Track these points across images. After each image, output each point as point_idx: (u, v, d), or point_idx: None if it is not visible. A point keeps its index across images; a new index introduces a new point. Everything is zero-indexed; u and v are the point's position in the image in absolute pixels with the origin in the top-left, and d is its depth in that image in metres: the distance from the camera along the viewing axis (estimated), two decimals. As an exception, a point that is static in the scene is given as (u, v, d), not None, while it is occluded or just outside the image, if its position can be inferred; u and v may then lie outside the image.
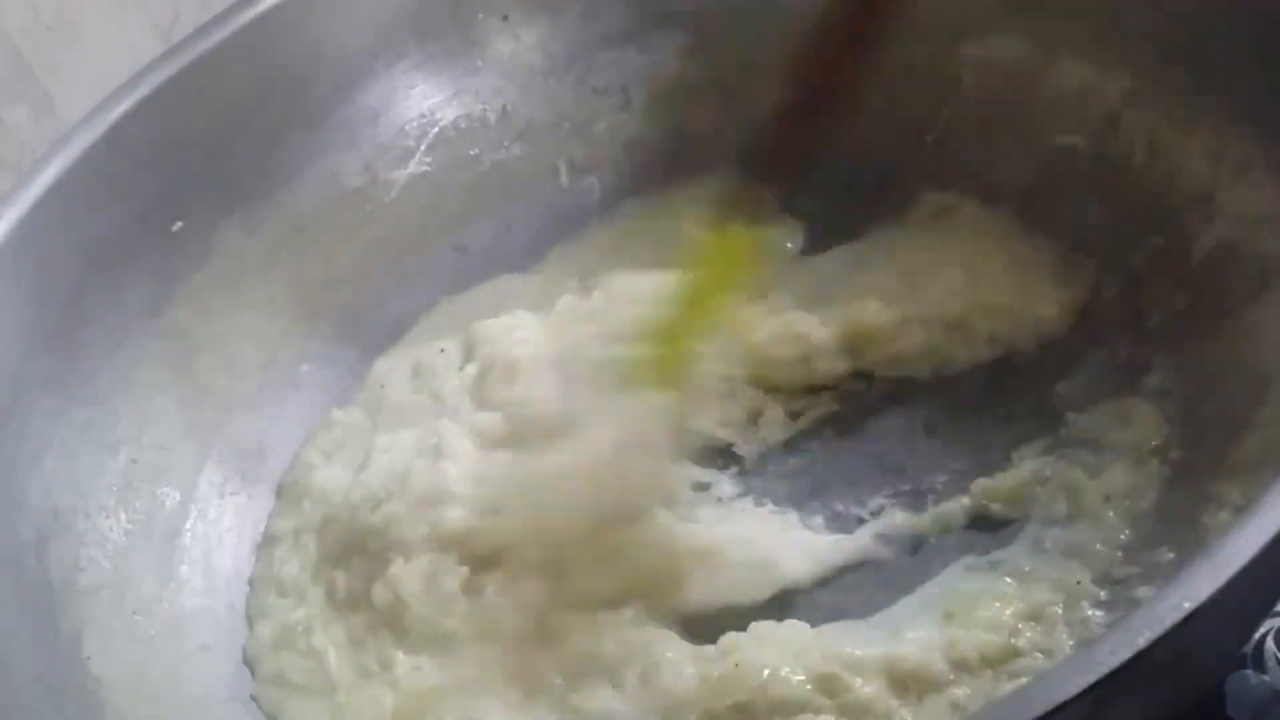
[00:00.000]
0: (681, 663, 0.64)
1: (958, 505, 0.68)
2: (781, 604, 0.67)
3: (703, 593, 0.67)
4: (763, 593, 0.67)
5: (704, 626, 0.66)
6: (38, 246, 0.72)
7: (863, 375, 0.76)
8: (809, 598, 0.67)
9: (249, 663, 0.72)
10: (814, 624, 0.65)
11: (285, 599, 0.74)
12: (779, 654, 0.63)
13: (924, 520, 0.69)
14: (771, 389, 0.76)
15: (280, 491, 0.80)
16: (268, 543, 0.77)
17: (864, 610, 0.66)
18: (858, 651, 0.62)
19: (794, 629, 0.65)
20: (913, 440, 0.73)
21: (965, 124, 0.80)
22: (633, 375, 0.70)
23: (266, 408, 0.81)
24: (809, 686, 0.61)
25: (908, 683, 0.61)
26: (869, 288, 0.77)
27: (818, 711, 0.60)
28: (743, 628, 0.65)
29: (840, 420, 0.75)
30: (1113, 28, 0.73)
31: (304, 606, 0.73)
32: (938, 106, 0.81)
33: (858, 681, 0.61)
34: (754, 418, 0.76)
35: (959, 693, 0.60)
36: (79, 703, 0.65)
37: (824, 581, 0.68)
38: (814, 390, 0.76)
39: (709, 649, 0.64)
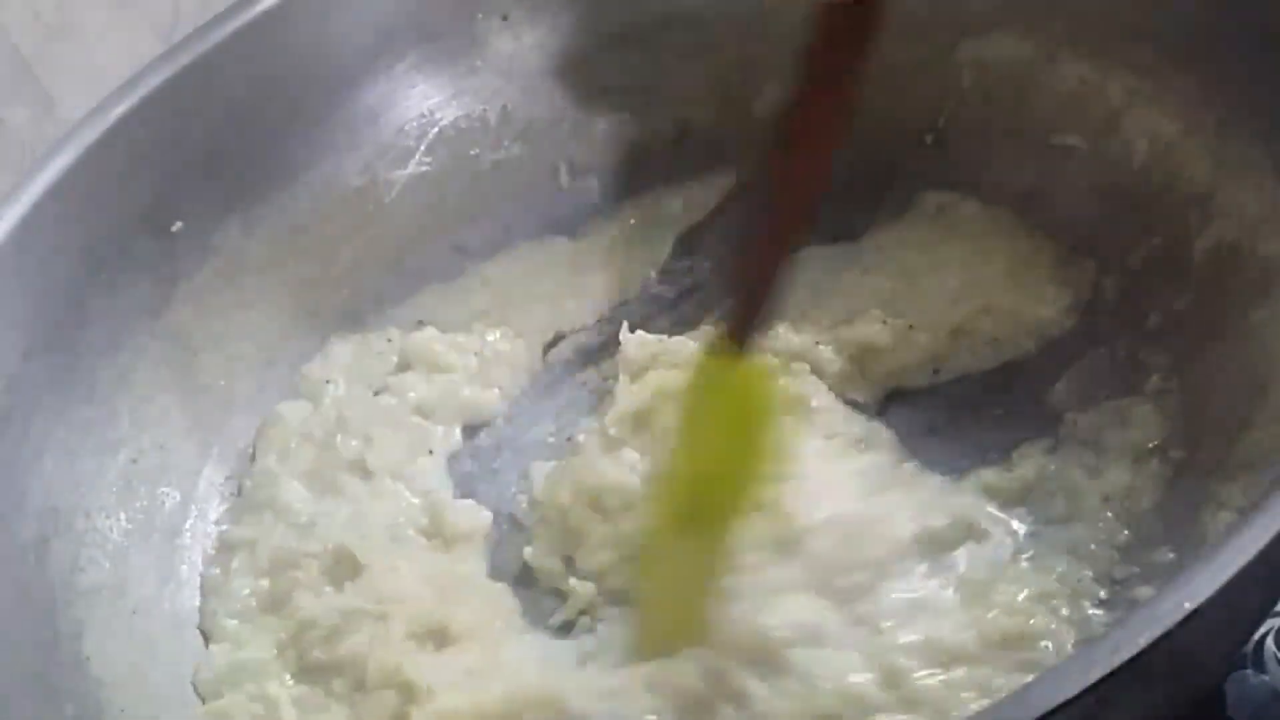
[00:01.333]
0: (762, 685, 0.62)
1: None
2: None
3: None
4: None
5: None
6: (38, 246, 0.72)
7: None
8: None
9: (196, 684, 0.70)
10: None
11: (239, 624, 0.72)
12: (846, 656, 0.62)
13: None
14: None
15: (240, 491, 0.78)
16: (224, 549, 0.76)
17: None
18: (903, 640, 0.61)
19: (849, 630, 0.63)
20: (913, 440, 0.73)
21: (965, 124, 0.80)
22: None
23: (266, 408, 0.81)
24: (875, 687, 0.60)
25: (947, 664, 0.60)
26: (870, 293, 0.77)
27: (883, 709, 0.59)
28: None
29: (841, 420, 0.75)
30: (1113, 28, 0.73)
31: (253, 649, 0.71)
32: (938, 106, 0.81)
33: (914, 665, 0.60)
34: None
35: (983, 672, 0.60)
36: (79, 703, 0.65)
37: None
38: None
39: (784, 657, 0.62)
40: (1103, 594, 0.62)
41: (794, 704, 0.60)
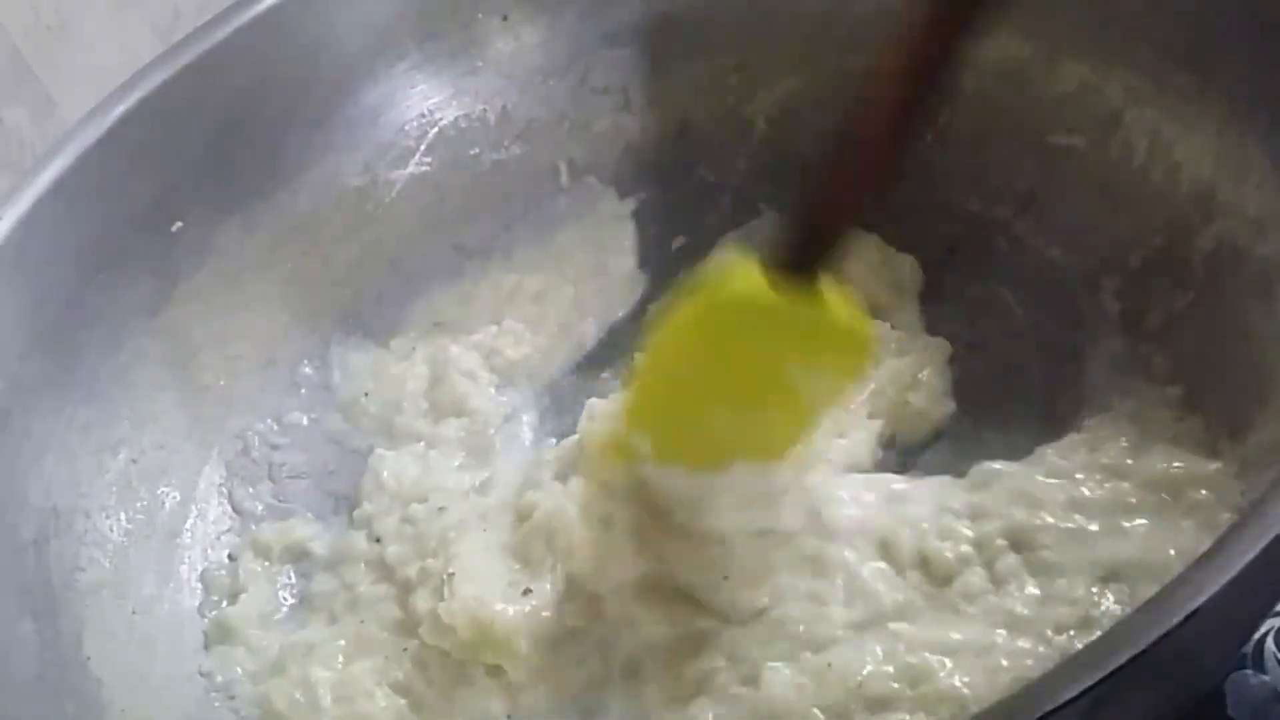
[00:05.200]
0: (778, 668, 0.62)
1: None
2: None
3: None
4: None
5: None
6: (38, 246, 0.72)
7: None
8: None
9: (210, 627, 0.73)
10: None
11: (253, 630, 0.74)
12: (868, 650, 0.61)
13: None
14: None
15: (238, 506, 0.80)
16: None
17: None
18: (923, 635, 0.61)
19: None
20: (916, 446, 0.73)
21: (965, 124, 0.80)
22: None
23: (266, 407, 0.81)
24: (896, 685, 0.60)
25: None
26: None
27: (903, 708, 0.59)
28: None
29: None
30: (1113, 28, 0.73)
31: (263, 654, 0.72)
32: (938, 106, 0.81)
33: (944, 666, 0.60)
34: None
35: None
36: (79, 703, 0.65)
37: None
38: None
39: (805, 655, 0.62)
40: (1106, 593, 0.62)
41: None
